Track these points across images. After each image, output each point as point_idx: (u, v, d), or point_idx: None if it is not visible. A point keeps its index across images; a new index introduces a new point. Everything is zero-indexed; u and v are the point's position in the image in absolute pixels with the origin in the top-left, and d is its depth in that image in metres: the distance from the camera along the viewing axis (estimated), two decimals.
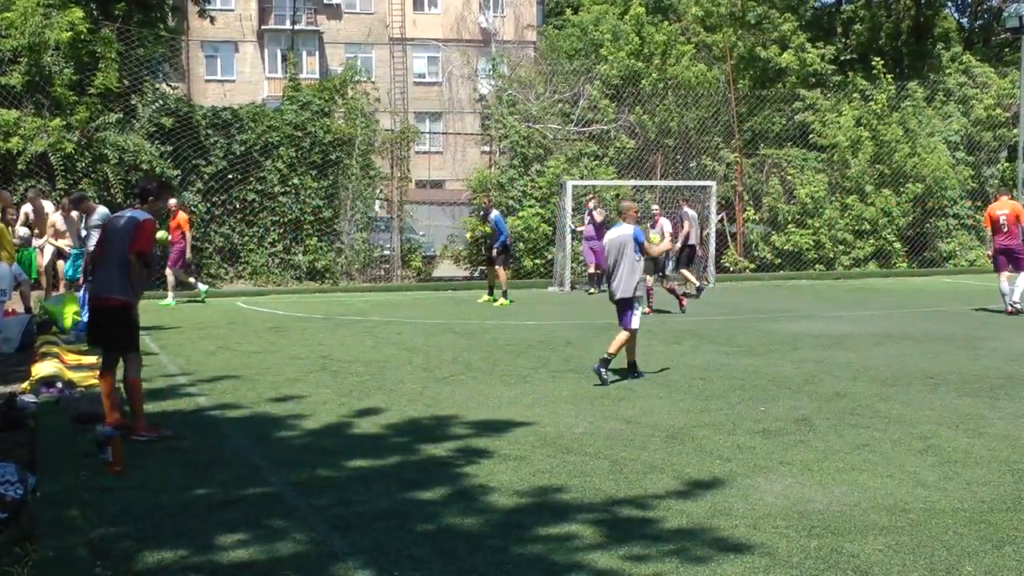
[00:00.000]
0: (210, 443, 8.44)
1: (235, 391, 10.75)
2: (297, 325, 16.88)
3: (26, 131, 20.87)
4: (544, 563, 5.55)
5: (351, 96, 25.84)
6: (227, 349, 13.99)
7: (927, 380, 11.19)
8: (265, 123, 24.58)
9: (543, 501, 6.72)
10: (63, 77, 21.53)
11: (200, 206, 23.81)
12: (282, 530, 6.13)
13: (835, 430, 8.73)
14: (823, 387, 10.79)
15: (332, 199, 25.04)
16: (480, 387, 10.91)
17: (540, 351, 13.58)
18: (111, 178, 21.41)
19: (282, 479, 7.30)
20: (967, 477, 7.24)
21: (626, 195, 25.09)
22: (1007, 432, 8.65)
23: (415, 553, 5.72)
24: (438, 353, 13.46)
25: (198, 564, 5.58)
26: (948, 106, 31.02)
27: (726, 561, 5.57)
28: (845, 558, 5.60)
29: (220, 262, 24.30)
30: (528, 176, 26.47)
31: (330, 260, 24.81)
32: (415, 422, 9.18)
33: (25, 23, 21.14)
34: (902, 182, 29.14)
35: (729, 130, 29.54)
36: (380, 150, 25.82)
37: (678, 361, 12.66)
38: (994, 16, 44.07)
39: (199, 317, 17.99)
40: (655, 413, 9.48)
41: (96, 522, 6.24)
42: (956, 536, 5.96)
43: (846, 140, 29.14)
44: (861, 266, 28.68)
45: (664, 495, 6.81)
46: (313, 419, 9.31)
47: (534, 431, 8.73)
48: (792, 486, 7.02)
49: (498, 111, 27.78)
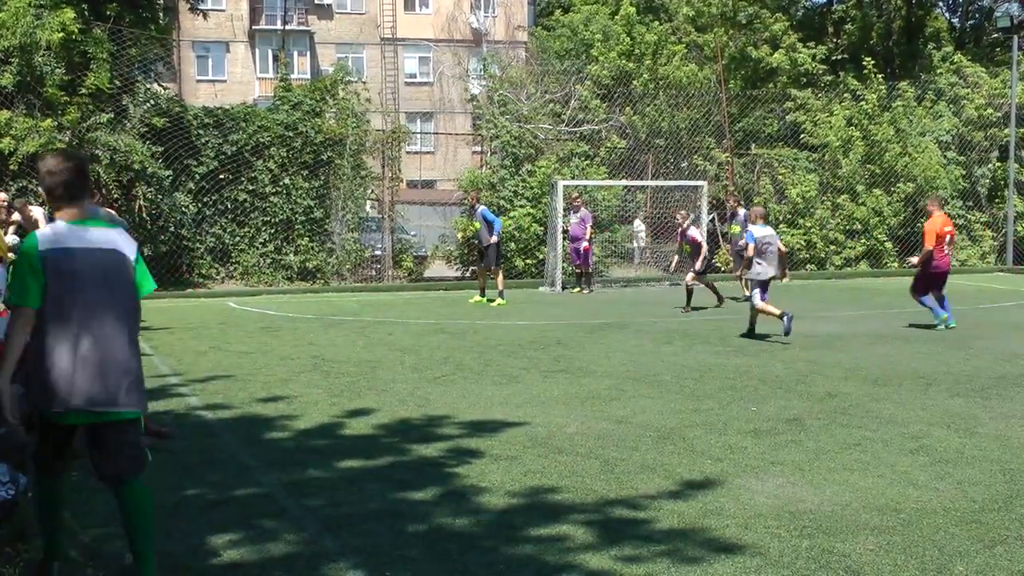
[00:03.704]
0: (201, 443, 8.43)
1: (226, 391, 10.73)
2: (288, 325, 16.85)
3: (17, 131, 20.80)
4: (536, 563, 5.55)
5: (342, 96, 25.81)
6: (218, 349, 13.96)
7: (918, 380, 11.22)
8: (256, 123, 24.57)
9: (535, 501, 6.72)
10: (54, 77, 21.47)
11: (191, 206, 23.80)
12: (273, 530, 6.13)
13: (826, 430, 8.74)
14: (814, 387, 10.81)
15: (323, 199, 25.02)
16: (471, 387, 10.90)
17: (531, 351, 13.58)
18: (103, 178, 21.34)
19: (273, 479, 7.29)
20: (958, 477, 7.25)
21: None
22: (998, 432, 8.67)
23: (407, 553, 5.71)
24: (429, 353, 13.45)
25: (189, 564, 5.58)
26: (939, 106, 31.07)
27: (717, 561, 5.57)
28: (836, 558, 5.60)
29: (211, 262, 24.28)
30: (519, 176, 26.46)
31: (321, 260, 24.79)
32: (406, 422, 9.17)
33: (16, 23, 21.07)
34: (893, 182, 29.19)
35: (720, 130, 29.58)
36: (371, 150, 25.80)
37: (670, 361, 12.67)
38: (985, 16, 44.22)
39: (190, 317, 17.96)
40: (646, 413, 9.48)
41: (87, 523, 6.22)
42: (947, 536, 5.97)
43: (837, 140, 29.20)
44: (852, 266, 28.74)
45: (656, 495, 6.81)
46: (304, 419, 9.30)
47: (525, 431, 8.73)
48: (783, 486, 7.03)
49: (489, 111, 27.76)
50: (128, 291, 5.18)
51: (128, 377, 5.05)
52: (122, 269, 5.17)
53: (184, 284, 23.65)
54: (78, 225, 5.13)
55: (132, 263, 5.23)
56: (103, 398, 4.97)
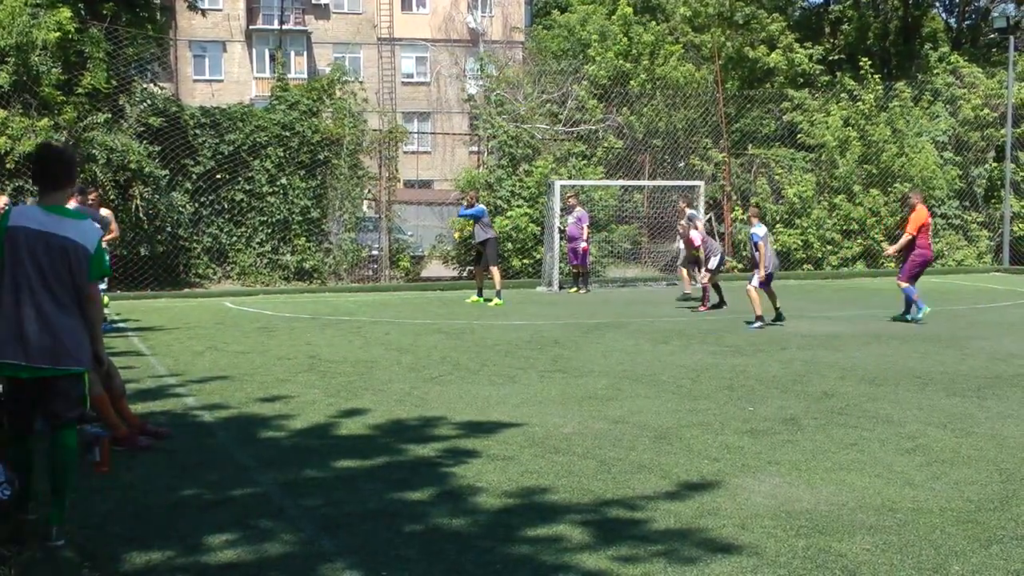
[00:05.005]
0: (198, 444, 8.42)
1: (223, 391, 10.72)
2: (285, 325, 16.85)
3: (14, 131, 20.77)
4: (532, 563, 5.56)
5: (339, 96, 25.80)
6: (215, 349, 13.96)
7: (915, 380, 11.23)
8: (253, 123, 24.55)
9: (531, 501, 6.72)
10: (51, 77, 21.44)
11: (188, 206, 23.79)
12: (270, 530, 6.12)
13: (823, 430, 8.75)
14: (811, 387, 10.81)
15: (320, 199, 25.01)
16: (468, 387, 10.90)
17: (528, 351, 13.59)
18: (100, 178, 21.31)
19: (270, 479, 7.29)
20: (955, 476, 7.26)
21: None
22: (994, 431, 8.68)
23: (403, 553, 5.71)
24: (426, 353, 13.45)
25: (186, 565, 5.57)
26: (936, 106, 31.10)
27: (714, 561, 5.57)
28: (833, 557, 5.61)
29: (208, 262, 24.26)
30: (516, 176, 26.46)
31: (318, 260, 24.78)
32: (403, 422, 9.17)
33: (12, 22, 21.04)
34: (890, 182, 29.21)
35: (717, 130, 29.59)
36: (368, 150, 25.78)
37: (666, 361, 12.68)
38: (982, 16, 44.26)
39: (187, 317, 17.95)
40: (643, 413, 9.49)
41: (83, 523, 6.22)
42: (944, 535, 5.98)
43: (834, 140, 29.21)
44: (849, 266, 28.76)
45: (652, 495, 6.81)
46: (301, 419, 9.29)
47: (522, 431, 8.73)
48: (780, 486, 7.03)
49: (486, 111, 27.76)
50: (70, 271, 5.87)
51: (59, 342, 5.85)
52: (67, 254, 5.86)
53: (181, 284, 23.64)
54: (49, 211, 5.94)
55: (85, 250, 5.91)
56: (37, 357, 5.81)
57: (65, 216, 6.00)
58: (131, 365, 11.99)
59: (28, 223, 5.87)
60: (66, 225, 5.92)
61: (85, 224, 6.09)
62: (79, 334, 5.94)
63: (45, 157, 6.13)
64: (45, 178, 6.04)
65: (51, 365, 5.85)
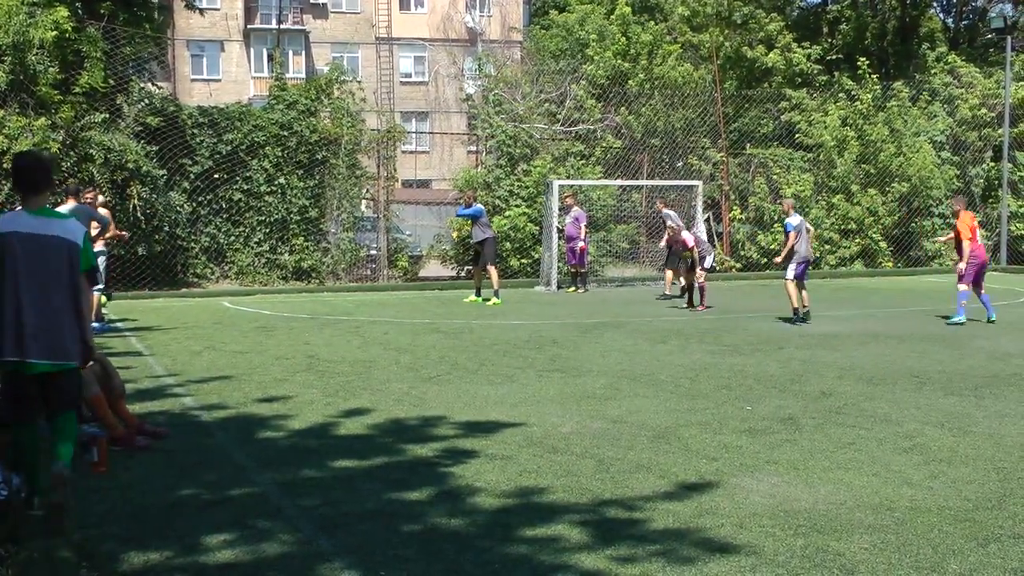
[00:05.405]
0: (196, 444, 8.41)
1: (221, 391, 10.71)
2: (283, 325, 16.84)
3: (11, 130, 20.76)
4: (531, 563, 5.55)
5: (337, 96, 25.82)
6: (213, 349, 13.95)
7: (912, 379, 11.23)
8: (251, 123, 24.55)
9: (529, 501, 6.71)
10: (48, 76, 21.42)
11: (186, 206, 23.78)
12: (268, 531, 6.12)
13: (821, 429, 8.75)
14: (809, 386, 10.82)
15: (318, 199, 25.01)
16: (467, 387, 10.90)
17: (527, 351, 13.58)
18: (97, 178, 21.30)
19: (268, 479, 7.28)
20: (952, 475, 7.26)
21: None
22: (992, 430, 8.69)
23: (402, 553, 5.71)
24: (424, 353, 13.45)
25: (183, 565, 5.57)
26: (933, 106, 31.14)
27: (712, 561, 5.57)
28: (831, 557, 5.61)
29: (206, 262, 24.26)
30: (514, 176, 26.47)
31: (316, 260, 24.78)
32: (401, 422, 9.16)
33: (9, 22, 21.02)
34: (888, 182, 29.24)
35: (715, 130, 29.60)
36: (366, 150, 25.80)
37: (665, 360, 12.68)
38: (979, 16, 44.29)
39: (185, 317, 17.94)
40: (641, 412, 9.48)
41: (81, 523, 6.21)
42: (941, 534, 5.98)
43: (832, 140, 29.24)
44: (847, 265, 28.78)
45: (650, 495, 6.81)
46: (299, 419, 9.28)
47: (520, 431, 8.73)
48: (778, 485, 7.03)
49: (484, 111, 27.77)
50: (63, 268, 6.28)
51: (57, 339, 6.25)
52: (59, 251, 6.28)
53: (179, 284, 23.65)
54: (35, 214, 6.35)
55: (75, 245, 6.35)
56: (35, 353, 6.19)
57: (51, 217, 6.49)
58: (129, 365, 11.98)
59: (19, 228, 6.29)
60: (53, 225, 6.38)
61: (69, 222, 6.56)
62: (74, 330, 6.36)
63: (24, 165, 6.61)
64: (26, 184, 6.48)
65: (50, 361, 6.26)
